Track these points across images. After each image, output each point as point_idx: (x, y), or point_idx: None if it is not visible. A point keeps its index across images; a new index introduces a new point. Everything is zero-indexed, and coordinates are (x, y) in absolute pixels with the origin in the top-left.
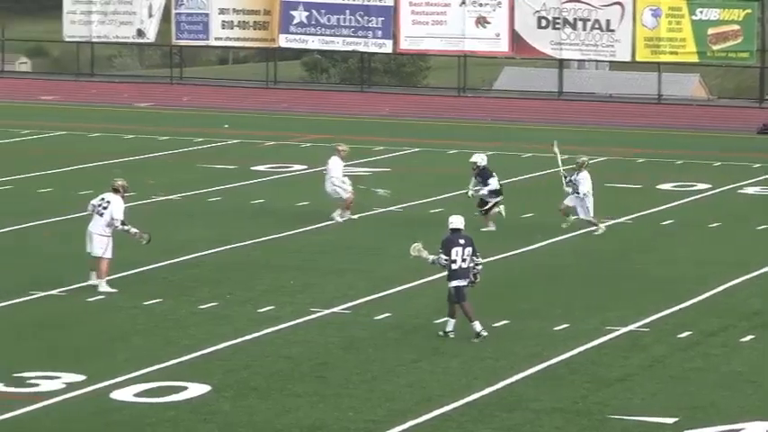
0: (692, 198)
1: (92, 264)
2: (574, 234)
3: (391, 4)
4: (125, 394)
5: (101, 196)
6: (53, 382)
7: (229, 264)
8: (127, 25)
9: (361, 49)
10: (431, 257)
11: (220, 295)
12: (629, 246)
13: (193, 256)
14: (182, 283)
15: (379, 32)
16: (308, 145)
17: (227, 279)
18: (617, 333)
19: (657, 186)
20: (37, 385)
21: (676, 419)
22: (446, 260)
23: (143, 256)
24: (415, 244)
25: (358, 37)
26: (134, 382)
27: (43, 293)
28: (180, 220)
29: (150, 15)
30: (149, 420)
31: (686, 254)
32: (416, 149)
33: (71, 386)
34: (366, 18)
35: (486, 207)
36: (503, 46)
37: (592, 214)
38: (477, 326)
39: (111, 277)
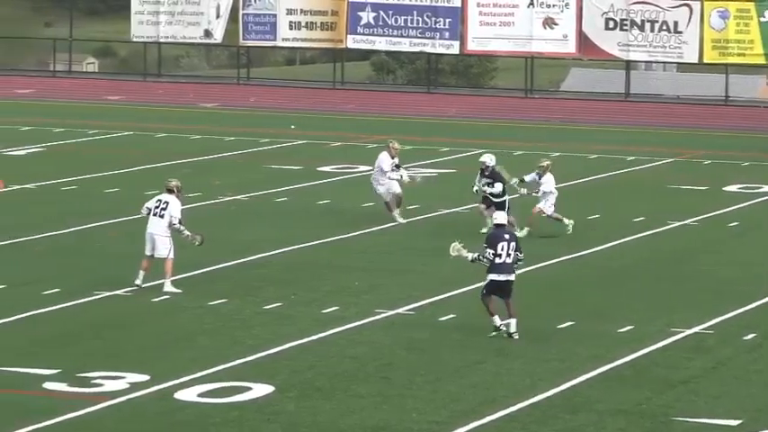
0: (759, 200)
1: (145, 263)
2: (640, 235)
3: (459, 5)
4: (189, 394)
5: (156, 198)
6: (117, 382)
7: (295, 264)
8: (194, 26)
9: (429, 50)
10: (470, 255)
11: (285, 295)
12: (694, 247)
13: (259, 256)
14: (247, 284)
15: (447, 33)
16: (374, 146)
17: (292, 279)
18: (681, 335)
19: (724, 188)
20: (101, 385)
21: (740, 422)
22: (492, 254)
23: (209, 257)
24: (455, 243)
25: (425, 38)
26: (198, 382)
27: (108, 293)
28: (246, 220)
29: (218, 16)
30: (213, 420)
31: (752, 256)
32: (482, 150)
33: (135, 386)
34: (433, 19)
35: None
36: (570, 47)
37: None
38: (497, 320)
39: (176, 277)
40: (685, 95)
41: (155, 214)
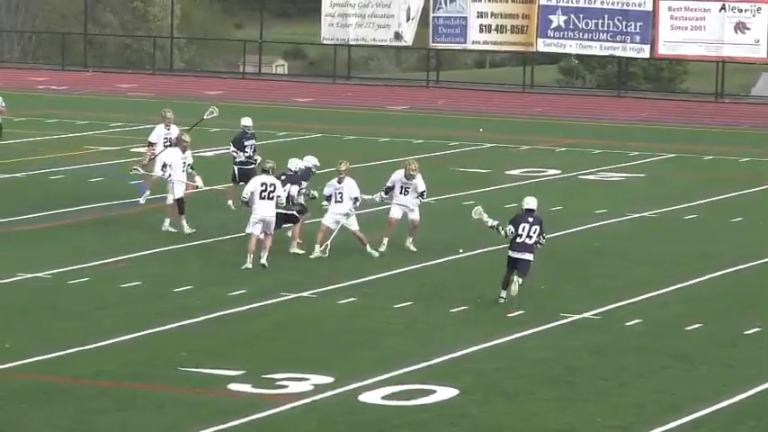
0: None
1: (254, 243)
2: None
3: (650, 9)
4: (373, 396)
5: (260, 182)
6: (301, 384)
7: (480, 267)
8: (384, 28)
9: (619, 53)
10: (490, 222)
11: (471, 299)
12: None
13: (445, 259)
14: (433, 287)
15: (637, 37)
16: (563, 149)
17: (478, 282)
18: None
19: None
20: (285, 387)
21: None
22: (512, 232)
23: (395, 259)
24: (477, 207)
25: (616, 42)
26: (382, 384)
27: (294, 295)
28: (436, 222)
29: (408, 18)
30: (396, 423)
31: None
32: (672, 155)
33: (319, 388)
34: (624, 23)
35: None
36: (762, 52)
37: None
38: (503, 294)
39: (361, 280)
40: None
41: (262, 198)
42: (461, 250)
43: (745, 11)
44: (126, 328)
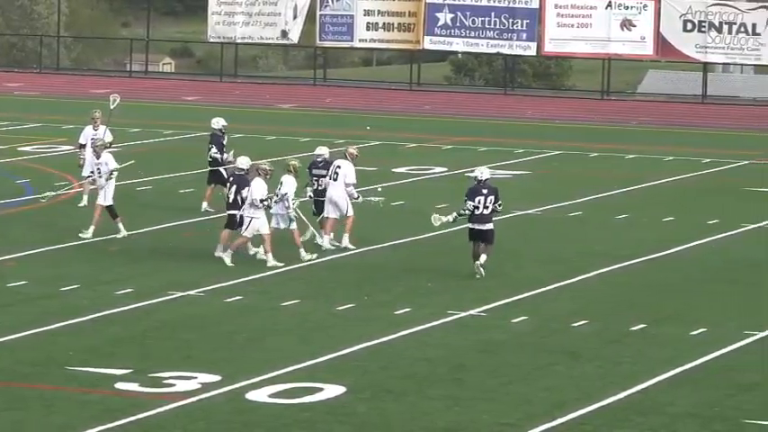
0: None
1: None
2: (714, 238)
3: (536, 6)
4: (260, 395)
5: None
6: (189, 383)
7: (367, 265)
8: (271, 26)
9: (506, 51)
10: (450, 217)
11: (358, 297)
12: None
13: (332, 257)
14: (320, 285)
15: (524, 35)
16: (450, 147)
17: (365, 280)
18: (755, 338)
19: None
20: (173, 385)
21: None
22: (472, 206)
23: (282, 257)
24: (434, 215)
25: (503, 39)
26: (270, 382)
27: (181, 293)
28: None
29: (295, 17)
30: (285, 421)
31: None
32: (558, 152)
33: (206, 386)
34: (511, 20)
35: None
36: (648, 49)
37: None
38: (482, 259)
39: (249, 278)
40: (762, 98)
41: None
42: (349, 248)
43: (632, 8)
44: (13, 327)
